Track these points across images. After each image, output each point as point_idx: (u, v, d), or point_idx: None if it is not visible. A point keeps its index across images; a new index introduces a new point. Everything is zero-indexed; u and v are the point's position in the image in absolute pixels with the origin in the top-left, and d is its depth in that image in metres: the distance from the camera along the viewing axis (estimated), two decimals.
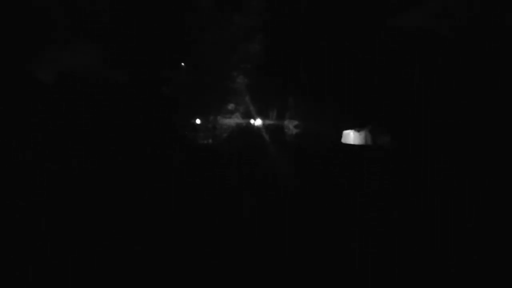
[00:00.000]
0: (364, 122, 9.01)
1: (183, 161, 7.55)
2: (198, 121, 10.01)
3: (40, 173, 6.47)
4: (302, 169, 7.36)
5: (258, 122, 9.98)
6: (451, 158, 6.74)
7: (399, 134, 7.99)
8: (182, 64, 9.80)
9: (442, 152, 6.87)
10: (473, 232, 5.64)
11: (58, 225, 5.70)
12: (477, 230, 5.70)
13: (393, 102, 7.98)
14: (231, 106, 10.10)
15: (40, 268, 5.04)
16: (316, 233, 5.72)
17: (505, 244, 5.38)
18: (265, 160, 7.87)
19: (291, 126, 9.59)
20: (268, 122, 9.79)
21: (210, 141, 9.89)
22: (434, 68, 7.24)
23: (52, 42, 7.95)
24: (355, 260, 5.10)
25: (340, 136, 9.17)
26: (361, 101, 8.59)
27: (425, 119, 7.28)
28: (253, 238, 5.58)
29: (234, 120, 10.09)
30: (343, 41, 8.72)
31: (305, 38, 9.08)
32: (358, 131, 8.94)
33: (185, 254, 5.24)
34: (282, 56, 9.48)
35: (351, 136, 9.00)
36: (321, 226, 5.93)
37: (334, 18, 8.64)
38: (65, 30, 8.10)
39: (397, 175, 6.70)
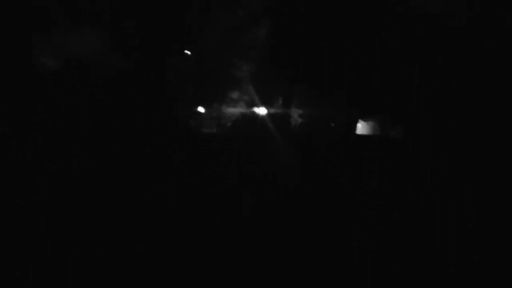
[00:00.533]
0: (373, 112, 9.07)
1: (183, 161, 7.73)
2: (202, 109, 10.16)
3: (40, 173, 6.70)
4: (303, 166, 7.53)
5: (262, 111, 10.10)
6: (451, 157, 6.89)
7: (410, 126, 8.06)
8: (188, 52, 9.89)
9: (442, 151, 7.03)
10: (473, 232, 5.82)
11: (58, 225, 5.94)
12: (477, 230, 5.88)
13: (404, 92, 8.06)
14: (235, 94, 10.23)
15: (40, 268, 5.28)
16: (316, 232, 5.93)
17: (505, 244, 5.55)
18: (267, 155, 8.03)
19: (296, 115, 9.71)
20: (273, 111, 9.91)
21: (214, 130, 10.06)
22: (436, 66, 7.40)
23: (52, 30, 8.13)
24: (355, 259, 5.32)
25: (350, 126, 9.22)
26: (370, 89, 8.63)
27: (431, 115, 7.43)
28: (253, 237, 5.80)
29: (238, 109, 10.23)
30: (355, 27, 8.73)
31: (315, 23, 9.07)
32: (366, 121, 9.04)
33: (185, 254, 5.47)
34: (290, 42, 9.48)
35: (358, 127, 9.11)
36: (321, 225, 6.13)
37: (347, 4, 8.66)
38: (67, 18, 8.26)
39: (397, 175, 6.88)
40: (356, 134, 9.15)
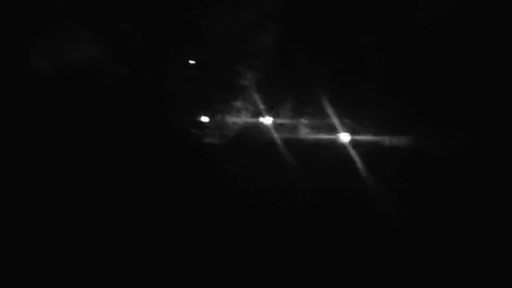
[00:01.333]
0: (381, 122, 9.18)
1: (183, 160, 8.00)
2: (205, 119, 10.32)
3: (39, 173, 7.07)
4: (306, 169, 7.80)
5: (268, 120, 10.24)
6: (451, 157, 7.18)
7: (419, 134, 8.26)
8: (192, 62, 10.13)
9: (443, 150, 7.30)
10: (473, 232, 6.13)
11: (58, 225, 6.31)
12: (477, 230, 6.18)
13: (414, 100, 8.28)
14: (239, 103, 10.48)
15: (40, 268, 5.66)
16: (317, 232, 6.27)
17: (505, 244, 5.86)
18: (270, 160, 8.26)
19: (302, 124, 9.92)
20: (278, 120, 10.10)
21: (217, 140, 10.23)
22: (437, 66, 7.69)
23: (50, 33, 8.45)
24: (356, 260, 5.66)
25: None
26: (380, 99, 8.79)
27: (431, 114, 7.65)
28: (253, 238, 6.15)
29: (242, 119, 10.44)
30: (368, 33, 8.90)
31: (326, 28, 9.19)
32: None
33: (185, 254, 5.83)
34: (298, 49, 9.66)
35: (364, 137, 9.29)
36: (322, 225, 6.46)
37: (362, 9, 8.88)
38: (64, 21, 8.56)
39: (398, 175, 7.16)
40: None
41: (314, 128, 10.05)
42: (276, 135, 9.88)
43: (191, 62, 10.39)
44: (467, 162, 7.40)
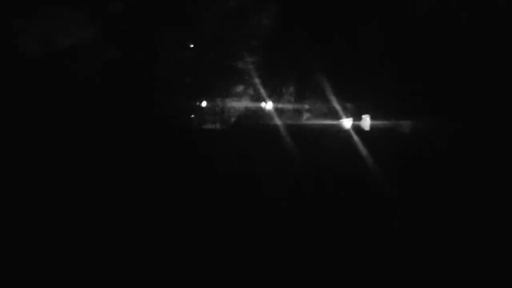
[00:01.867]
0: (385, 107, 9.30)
1: (181, 147, 8.15)
2: (204, 104, 10.46)
3: (37, 172, 7.26)
4: (308, 155, 7.96)
5: (269, 105, 10.39)
6: (453, 156, 7.38)
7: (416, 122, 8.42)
8: (191, 45, 10.23)
9: (445, 150, 7.49)
10: (473, 232, 6.35)
11: (57, 225, 6.54)
12: (477, 230, 6.41)
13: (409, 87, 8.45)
14: (240, 88, 10.61)
15: (40, 268, 5.90)
16: (317, 232, 6.50)
17: (505, 244, 6.09)
18: (271, 146, 8.41)
19: (303, 109, 10.08)
20: (279, 105, 10.26)
21: (218, 125, 10.38)
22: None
23: (37, 14, 8.49)
24: (356, 260, 5.90)
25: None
26: (385, 84, 8.83)
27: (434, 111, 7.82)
28: (253, 238, 6.38)
29: (243, 103, 10.58)
30: (372, 15, 8.94)
31: (328, 9, 9.20)
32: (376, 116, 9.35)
33: (185, 254, 6.07)
34: (300, 31, 9.72)
35: (367, 122, 9.46)
36: (322, 225, 6.69)
37: None
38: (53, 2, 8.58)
39: (401, 160, 7.33)
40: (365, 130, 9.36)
41: (317, 113, 10.13)
42: (277, 120, 9.92)
43: (189, 45, 10.39)
44: (472, 148, 7.56)
